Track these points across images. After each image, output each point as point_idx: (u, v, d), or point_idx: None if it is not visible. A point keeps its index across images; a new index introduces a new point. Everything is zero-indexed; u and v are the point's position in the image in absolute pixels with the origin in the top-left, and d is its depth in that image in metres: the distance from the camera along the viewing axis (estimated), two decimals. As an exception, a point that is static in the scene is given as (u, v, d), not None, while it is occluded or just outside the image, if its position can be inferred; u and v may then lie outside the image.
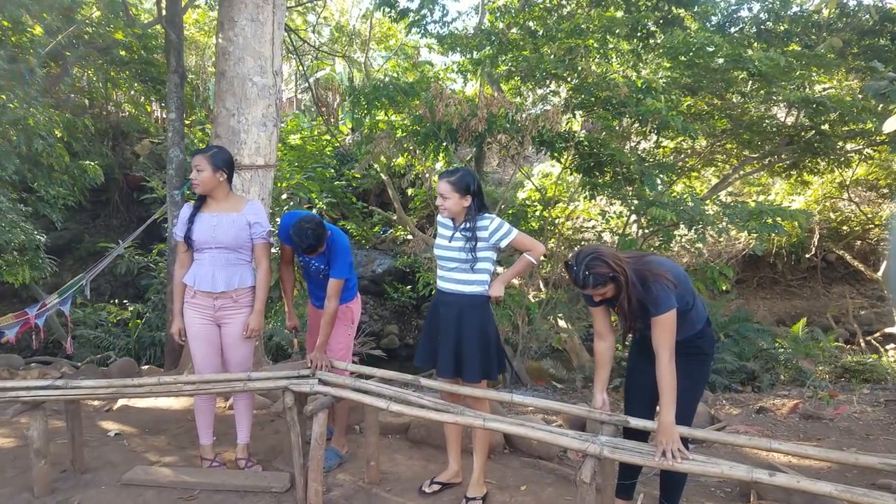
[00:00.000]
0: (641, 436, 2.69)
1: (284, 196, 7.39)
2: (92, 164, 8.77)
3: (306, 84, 10.78)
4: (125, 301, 8.83)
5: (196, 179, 3.15)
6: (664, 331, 2.47)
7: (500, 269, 3.24)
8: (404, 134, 7.76)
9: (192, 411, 4.17)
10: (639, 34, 8.44)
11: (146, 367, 5.56)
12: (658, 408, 2.57)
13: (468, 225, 2.97)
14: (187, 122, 12.04)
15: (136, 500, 3.05)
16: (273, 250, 4.63)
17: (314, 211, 7.73)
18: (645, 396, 2.75)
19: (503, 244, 2.98)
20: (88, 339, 7.69)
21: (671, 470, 2.41)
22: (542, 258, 2.99)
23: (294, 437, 2.95)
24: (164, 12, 5.45)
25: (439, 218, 3.12)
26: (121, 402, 4.39)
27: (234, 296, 3.22)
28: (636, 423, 2.65)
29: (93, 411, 4.33)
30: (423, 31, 9.19)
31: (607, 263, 2.44)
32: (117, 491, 3.12)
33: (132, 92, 12.39)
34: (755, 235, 6.47)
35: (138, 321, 7.87)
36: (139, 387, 3.14)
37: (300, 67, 10.10)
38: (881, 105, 6.71)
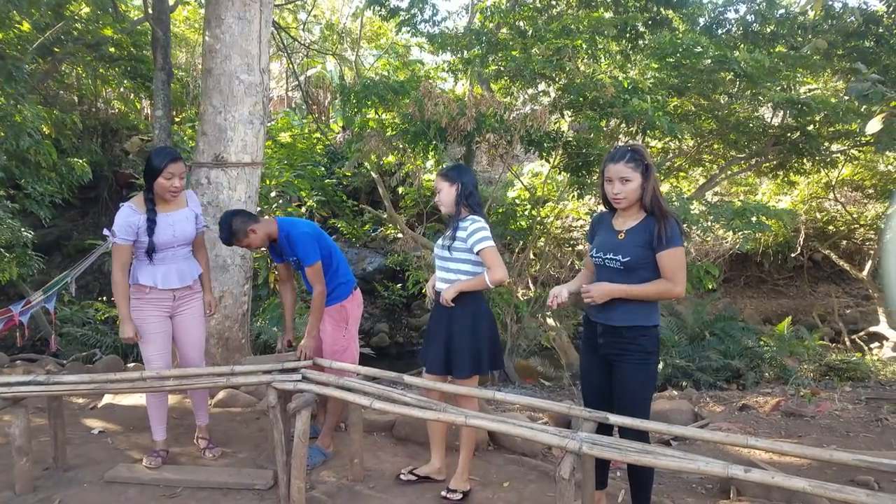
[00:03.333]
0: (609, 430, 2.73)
1: (273, 194, 7.39)
2: (80, 161, 8.73)
3: (296, 82, 10.75)
4: (113, 298, 8.79)
5: (179, 188, 3.24)
6: (678, 264, 2.56)
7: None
8: (394, 132, 7.77)
9: (178, 409, 4.19)
10: (627, 35, 8.50)
11: (132, 364, 5.55)
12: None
13: (455, 223, 3.06)
14: (177, 119, 12.01)
15: (118, 497, 3.05)
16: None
17: (304, 209, 7.75)
18: (599, 398, 2.79)
19: (475, 249, 2.99)
20: (75, 336, 7.66)
21: (640, 465, 2.45)
22: (498, 284, 3.07)
23: (277, 435, 2.96)
24: (150, 10, 5.43)
25: None
26: (105, 399, 4.38)
27: (192, 285, 3.41)
28: (615, 419, 2.68)
29: (77, 409, 4.32)
30: (413, 30, 9.20)
31: (647, 156, 2.63)
32: (100, 489, 3.12)
33: (122, 89, 12.34)
34: (741, 234, 6.53)
35: (126, 319, 7.82)
36: (122, 382, 3.14)
37: (290, 65, 10.08)
38: (864, 106, 6.78)
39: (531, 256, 9.53)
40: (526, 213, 9.46)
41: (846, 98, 7.78)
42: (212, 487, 3.14)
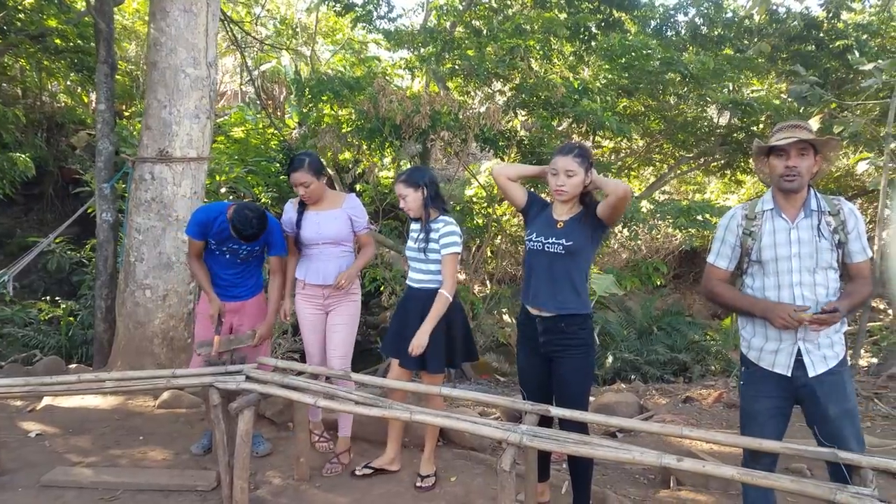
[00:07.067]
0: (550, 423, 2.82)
1: (223, 190, 7.26)
2: (23, 156, 8.42)
3: (249, 77, 10.56)
4: (57, 298, 8.48)
5: (306, 194, 3.29)
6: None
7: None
8: (349, 129, 7.73)
9: (120, 411, 4.10)
10: (581, 37, 8.64)
11: (74, 365, 5.38)
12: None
13: (426, 226, 3.14)
14: (126, 113, 11.65)
15: (55, 501, 2.96)
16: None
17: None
18: (539, 394, 2.87)
19: (441, 253, 3.11)
20: (17, 337, 7.36)
21: (580, 456, 2.52)
22: (448, 298, 3.09)
23: (219, 435, 2.93)
24: (93, 0, 5.27)
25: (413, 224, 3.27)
26: (45, 401, 4.24)
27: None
28: (556, 412, 2.74)
29: (14, 411, 4.16)
30: (369, 26, 9.17)
31: (592, 156, 2.74)
32: (36, 493, 3.03)
33: (68, 82, 11.90)
34: (688, 231, 6.73)
35: (70, 319, 7.58)
36: (58, 384, 3.06)
37: (244, 60, 9.90)
38: (802, 108, 7.06)
39: (488, 254, 9.60)
40: (483, 211, 9.53)
41: (789, 99, 8.08)
42: (153, 490, 3.09)
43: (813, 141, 2.30)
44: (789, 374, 2.37)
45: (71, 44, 9.73)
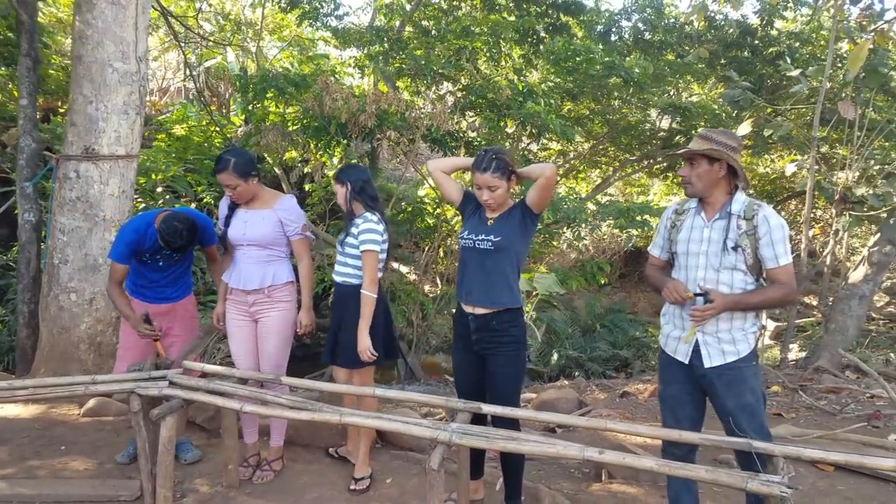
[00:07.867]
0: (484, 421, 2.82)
1: (160, 189, 7.02)
2: (-55, 154, 7.94)
3: (191, 74, 10.26)
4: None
5: (234, 196, 3.14)
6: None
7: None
8: (295, 127, 7.61)
9: (42, 419, 3.92)
10: (529, 40, 8.74)
11: (-3, 373, 5.13)
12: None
13: (349, 220, 3.16)
14: (62, 109, 11.17)
15: (-37, 517, 2.81)
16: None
17: (193, 205, 7.37)
18: (473, 393, 2.89)
19: (359, 248, 3.09)
20: (-61, 345, 6.94)
21: (510, 452, 2.54)
22: (370, 296, 3.06)
23: (140, 443, 2.83)
24: (15, -10, 5.02)
25: None
26: (-40, 412, 4.02)
27: (267, 292, 3.20)
28: (488, 409, 2.75)
29: (-74, 424, 3.93)
30: (317, 23, 9.05)
31: (511, 161, 2.78)
32: (-58, 509, 2.87)
33: (-3, 76, 11.34)
34: (628, 231, 6.88)
35: (-3, 325, 7.20)
36: (-33, 394, 2.89)
37: (184, 56, 9.62)
38: (736, 112, 7.31)
39: (440, 254, 9.61)
40: (434, 211, 9.52)
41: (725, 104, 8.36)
42: (72, 501, 2.96)
43: (690, 153, 2.41)
44: (687, 362, 2.48)
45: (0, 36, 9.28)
